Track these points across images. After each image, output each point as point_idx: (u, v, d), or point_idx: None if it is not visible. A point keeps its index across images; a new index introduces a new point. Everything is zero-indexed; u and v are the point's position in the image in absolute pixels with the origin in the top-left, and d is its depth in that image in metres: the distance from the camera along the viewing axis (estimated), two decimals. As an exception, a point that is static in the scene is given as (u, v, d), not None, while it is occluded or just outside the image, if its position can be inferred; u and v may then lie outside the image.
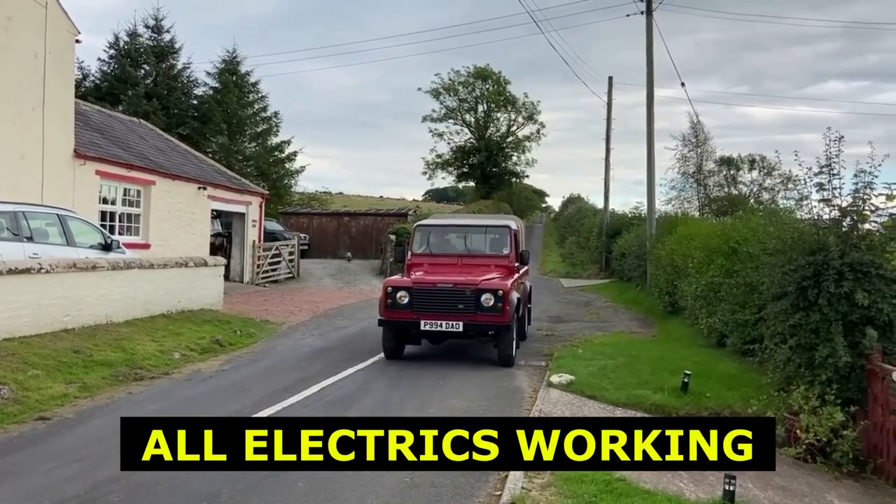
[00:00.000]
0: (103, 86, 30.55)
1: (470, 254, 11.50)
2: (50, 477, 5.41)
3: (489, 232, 11.83)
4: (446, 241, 11.99)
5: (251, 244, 22.50)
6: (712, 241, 12.23)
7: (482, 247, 11.65)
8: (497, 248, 11.50)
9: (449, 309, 9.91)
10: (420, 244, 11.78)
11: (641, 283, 20.97)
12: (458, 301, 9.92)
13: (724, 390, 8.83)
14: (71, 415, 7.29)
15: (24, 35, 13.28)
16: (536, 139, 61.45)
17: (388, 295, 10.16)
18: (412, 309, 10.03)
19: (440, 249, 11.66)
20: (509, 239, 11.48)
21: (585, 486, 5.12)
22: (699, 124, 35.53)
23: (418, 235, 11.94)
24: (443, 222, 13.05)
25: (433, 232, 12.10)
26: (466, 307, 9.88)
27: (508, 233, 11.55)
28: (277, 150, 35.49)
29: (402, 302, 10.06)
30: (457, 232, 12.41)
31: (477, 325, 9.90)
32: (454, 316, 9.87)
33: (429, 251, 11.61)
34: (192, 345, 11.05)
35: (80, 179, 14.74)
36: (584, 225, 37.73)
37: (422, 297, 10.03)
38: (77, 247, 11.40)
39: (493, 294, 9.87)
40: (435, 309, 9.96)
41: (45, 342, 9.17)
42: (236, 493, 5.11)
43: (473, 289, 9.93)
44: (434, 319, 9.91)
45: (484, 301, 9.85)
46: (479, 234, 11.97)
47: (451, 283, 10.08)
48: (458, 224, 13.20)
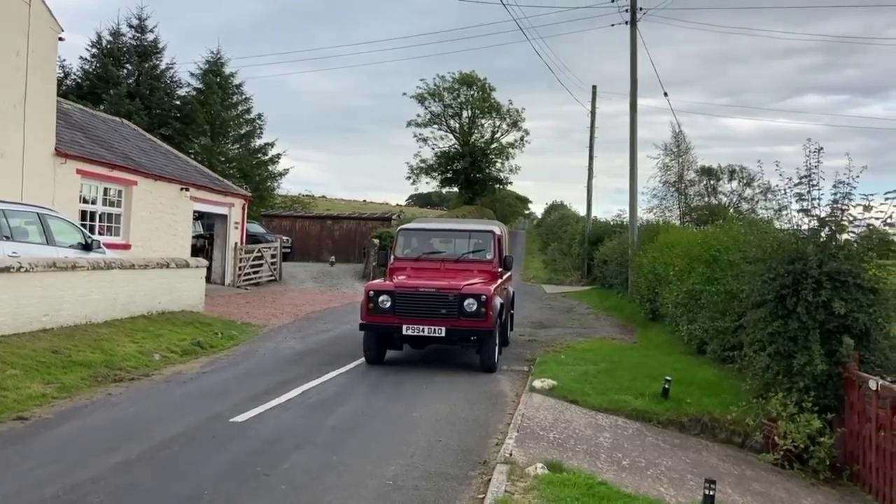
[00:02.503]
0: (85, 84, 30.25)
1: (453, 258, 11.37)
2: (28, 477, 5.34)
3: (473, 237, 11.76)
4: (430, 246, 11.88)
5: (233, 246, 22.36)
6: (693, 249, 12.37)
7: (466, 252, 11.53)
8: (480, 253, 11.40)
9: (431, 314, 9.82)
10: (403, 248, 11.68)
11: (623, 291, 21.12)
12: (440, 306, 9.82)
13: (703, 397, 8.93)
14: (49, 415, 7.19)
15: (7, 32, 13.13)
16: (520, 146, 61.72)
17: (370, 299, 10.05)
18: (394, 313, 9.92)
19: (423, 254, 11.55)
20: (493, 244, 11.40)
21: (568, 490, 5.14)
22: (681, 134, 35.91)
23: (401, 239, 11.84)
24: (427, 226, 12.98)
25: (416, 236, 12.06)
26: (449, 312, 9.78)
27: (492, 238, 11.48)
28: (261, 153, 35.29)
29: (384, 306, 9.96)
30: (440, 236, 12.35)
31: (460, 330, 9.80)
32: (437, 321, 9.78)
33: (412, 255, 11.51)
34: (173, 346, 10.96)
35: (61, 178, 14.58)
36: (566, 232, 37.96)
37: (404, 302, 9.93)
38: (57, 246, 11.27)
39: (475, 299, 9.76)
40: (417, 314, 9.85)
41: (23, 342, 9.05)
42: (217, 495, 5.07)
43: (456, 294, 9.83)
44: (416, 324, 9.81)
45: (467, 306, 9.75)
46: (462, 239, 11.88)
47: (434, 288, 9.97)
48: (441, 228, 13.10)
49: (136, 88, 30.61)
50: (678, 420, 8.44)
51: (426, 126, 60.88)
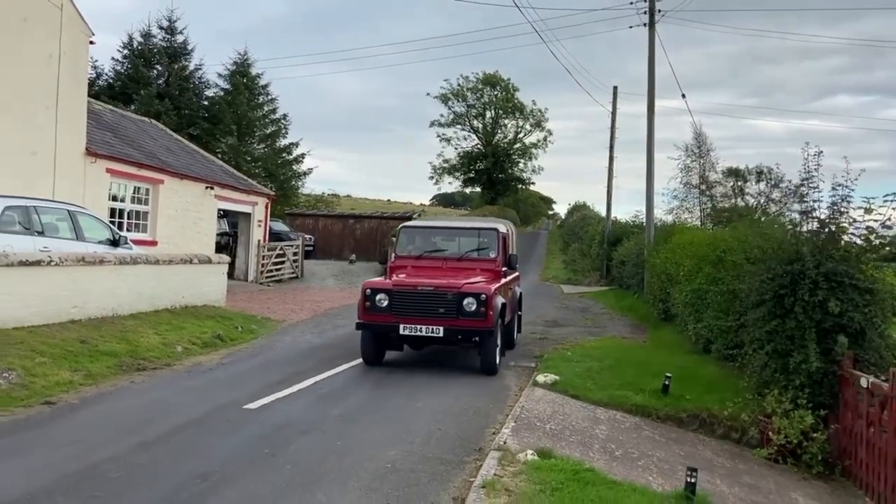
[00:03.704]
0: (116, 85, 31.14)
1: (455, 257, 11.10)
2: (54, 456, 5.76)
3: (476, 235, 11.50)
4: (432, 244, 11.64)
5: (256, 244, 22.91)
6: (701, 249, 12.53)
7: (468, 250, 11.27)
8: (484, 251, 11.14)
9: (429, 313, 9.57)
10: (404, 246, 11.45)
11: (639, 291, 21.24)
12: (439, 305, 9.58)
13: (703, 393, 9.14)
14: (76, 400, 7.66)
15: (39, 36, 13.72)
16: (543, 146, 62.06)
17: (367, 297, 9.83)
18: (391, 312, 9.67)
19: (425, 252, 11.30)
20: (497, 242, 11.15)
21: (554, 475, 5.44)
22: (702, 135, 35.81)
23: (403, 237, 11.61)
24: (428, 224, 12.80)
25: (418, 234, 11.88)
26: (448, 311, 9.52)
27: (496, 236, 11.23)
28: (286, 152, 35.98)
29: (382, 305, 9.73)
30: (443, 234, 12.10)
31: (458, 330, 9.54)
32: (435, 320, 9.53)
33: (413, 254, 11.28)
34: (194, 339, 11.41)
35: (91, 177, 15.18)
36: (587, 232, 38.02)
37: (401, 300, 9.68)
38: (86, 242, 11.79)
39: (475, 298, 9.49)
40: (415, 313, 9.60)
41: (52, 332, 9.55)
42: (227, 473, 5.45)
43: (455, 292, 9.57)
44: (414, 323, 9.56)
45: (466, 305, 9.49)
46: (465, 237, 11.66)
47: (433, 286, 9.72)
48: (444, 226, 12.87)
49: (165, 89, 31.42)
50: (676, 415, 8.66)
51: (449, 126, 61.49)
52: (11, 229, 10.43)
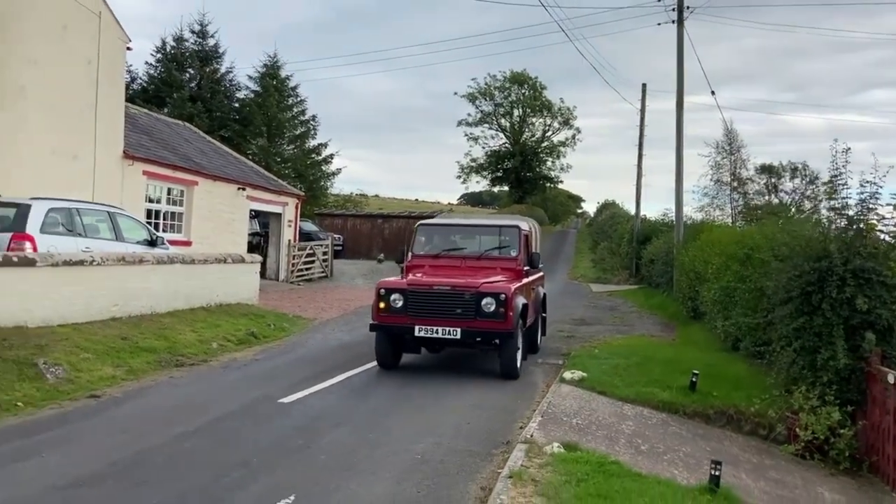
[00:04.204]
0: (150, 89, 31.80)
1: (475, 256, 10.61)
2: (100, 445, 6.06)
3: (495, 233, 11.01)
4: (450, 242, 11.14)
5: (287, 244, 23.30)
6: (730, 247, 12.54)
7: (488, 248, 10.78)
8: (504, 249, 10.64)
9: (446, 314, 9.16)
10: (421, 245, 10.96)
11: (668, 289, 21.18)
12: (456, 305, 9.16)
13: (731, 390, 9.18)
14: (119, 394, 7.98)
15: (79, 42, 14.17)
16: (572, 144, 61.78)
17: (381, 297, 9.46)
18: (406, 313, 9.28)
19: (443, 251, 10.81)
20: (518, 240, 10.64)
21: (580, 466, 5.58)
22: (733, 132, 35.47)
23: (420, 235, 11.07)
24: (446, 222, 12.33)
25: (436, 232, 11.32)
26: (465, 312, 9.11)
27: (517, 233, 10.71)
28: (315, 153, 36.42)
29: (396, 305, 9.36)
30: (461, 232, 11.60)
31: (476, 331, 9.10)
32: (451, 321, 9.09)
33: (431, 252, 10.79)
34: (229, 336, 11.73)
35: (129, 179, 15.63)
36: (616, 231, 37.90)
37: (417, 301, 9.29)
38: (125, 242, 12.18)
39: (494, 298, 9.06)
40: (431, 313, 9.20)
41: (95, 329, 9.92)
42: (264, 462, 5.70)
43: (473, 292, 9.14)
44: (429, 325, 9.15)
45: (484, 306, 9.06)
46: (484, 235, 11.21)
47: (449, 286, 9.31)
48: (462, 224, 12.36)
49: (197, 92, 32.02)
50: (704, 412, 8.73)
51: (477, 125, 61.48)
52: (55, 231, 10.82)
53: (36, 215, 10.49)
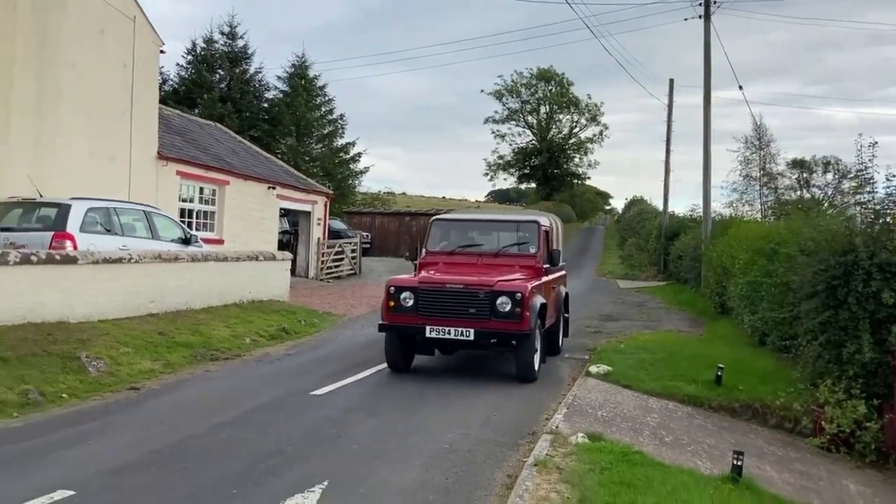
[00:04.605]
0: (181, 90, 32.40)
1: (491, 252, 10.15)
2: (143, 434, 6.34)
3: (513, 228, 10.66)
4: (466, 238, 10.70)
5: (316, 241, 23.65)
6: (756, 242, 12.52)
7: (505, 245, 10.35)
8: (523, 246, 10.19)
9: (459, 313, 8.73)
10: (436, 241, 10.54)
11: (696, 285, 21.12)
12: (469, 304, 8.73)
13: (757, 384, 9.23)
14: (157, 387, 8.29)
15: (114, 47, 14.59)
16: (599, 141, 61.54)
17: (391, 296, 9.05)
18: (417, 312, 8.87)
19: (458, 247, 10.41)
20: (537, 236, 10.15)
21: (603, 456, 5.72)
22: (762, 126, 35.08)
23: (434, 231, 10.62)
24: (463, 217, 11.85)
25: (451, 227, 10.90)
26: (479, 312, 8.67)
27: (536, 229, 10.23)
28: (343, 152, 36.80)
29: (407, 304, 8.94)
30: (478, 228, 11.13)
31: (490, 332, 8.66)
32: (465, 322, 8.66)
33: (445, 249, 10.38)
34: (261, 331, 12.04)
35: (163, 179, 16.05)
36: (644, 227, 37.72)
37: (428, 300, 8.87)
38: (161, 240, 12.54)
39: (510, 297, 8.60)
40: (443, 313, 8.78)
41: (133, 324, 10.27)
42: (297, 450, 5.93)
43: (487, 291, 8.68)
44: (441, 325, 8.72)
45: (499, 305, 8.61)
46: (501, 231, 10.79)
47: (462, 284, 8.88)
48: (478, 219, 11.82)
49: (227, 93, 32.56)
50: (730, 405, 8.79)
51: (504, 122, 61.57)
52: (94, 229, 11.20)
53: (76, 215, 10.87)
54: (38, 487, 4.83)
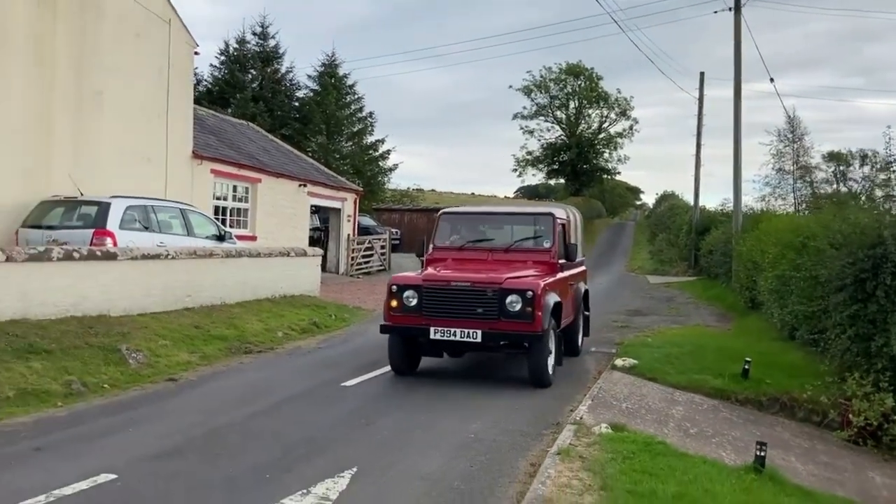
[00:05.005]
0: (215, 90, 33.01)
1: (503, 247, 9.52)
2: (179, 423, 6.60)
3: (526, 222, 10.04)
4: (476, 233, 10.05)
5: (346, 238, 23.96)
6: (786, 236, 12.45)
7: (518, 239, 9.74)
8: (537, 240, 9.55)
9: (465, 313, 8.16)
10: (444, 236, 9.97)
11: (727, 280, 20.96)
12: (476, 303, 8.14)
13: (785, 378, 9.23)
14: (194, 378, 8.59)
15: (151, 49, 14.98)
16: (629, 135, 60.98)
17: (393, 295, 8.53)
18: (421, 312, 8.33)
19: (468, 242, 9.78)
20: (552, 229, 9.48)
21: (626, 445, 5.83)
22: (795, 119, 34.53)
23: (442, 225, 10.07)
24: (472, 210, 11.20)
25: (459, 221, 10.32)
26: (487, 311, 8.08)
27: (551, 222, 9.53)
28: (372, 149, 37.14)
29: (410, 304, 8.40)
30: (488, 222, 10.54)
31: (500, 334, 8.09)
32: (471, 322, 8.09)
33: (455, 244, 9.80)
34: (293, 325, 12.31)
35: (198, 177, 16.44)
36: (674, 222, 37.43)
37: (432, 299, 8.32)
38: (196, 237, 12.88)
39: (520, 296, 7.98)
40: (448, 313, 8.22)
41: (170, 318, 10.60)
42: (328, 438, 6.14)
43: (496, 289, 8.08)
44: (446, 326, 8.14)
45: (509, 304, 8.00)
46: (513, 225, 10.26)
47: (469, 282, 8.30)
48: (489, 212, 11.19)
49: (259, 92, 33.08)
50: (756, 399, 8.81)
51: (532, 118, 61.29)
52: (133, 227, 11.57)
53: (115, 212, 11.24)
54: (82, 471, 5.09)
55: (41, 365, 7.64)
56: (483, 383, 8.67)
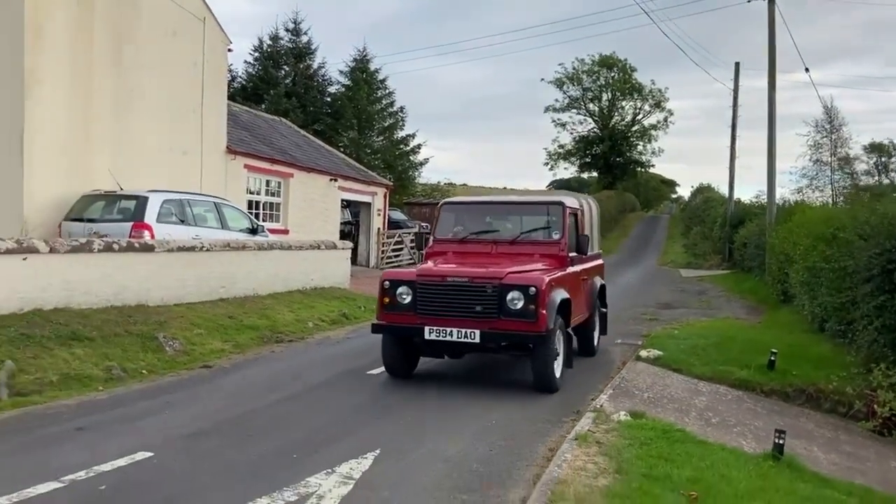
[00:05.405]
0: (249, 86, 33.55)
1: (508, 240, 8.75)
2: (213, 406, 6.88)
3: (533, 211, 9.28)
4: (480, 224, 9.30)
5: (376, 231, 24.26)
6: (817, 227, 12.33)
7: (524, 230, 8.95)
8: (545, 231, 8.76)
9: (462, 311, 7.47)
10: (445, 228, 9.30)
11: (760, 274, 20.75)
12: (475, 301, 7.43)
13: (812, 369, 9.19)
14: (227, 365, 8.88)
15: (186, 47, 15.38)
16: (664, 127, 60.43)
17: (385, 291, 7.90)
18: (415, 311, 7.69)
19: (471, 234, 9.03)
20: (561, 220, 8.66)
21: (644, 432, 5.92)
22: (833, 109, 33.86)
23: (444, 216, 9.39)
24: (475, 199, 10.42)
25: (461, 212, 9.60)
26: (486, 309, 7.37)
27: (561, 211, 8.70)
28: (403, 144, 37.37)
29: (404, 301, 7.75)
30: (492, 212, 9.67)
31: (500, 334, 7.39)
32: (469, 321, 7.41)
33: (458, 236, 9.12)
34: (323, 316, 12.59)
35: (231, 172, 16.84)
36: (709, 215, 37.03)
37: (427, 295, 7.65)
38: (230, 230, 13.23)
39: (522, 292, 7.25)
40: (444, 311, 7.54)
41: (205, 308, 10.94)
42: (353, 422, 6.36)
43: (496, 284, 7.36)
44: (442, 326, 7.47)
45: (510, 302, 7.30)
46: (519, 215, 9.48)
47: (467, 277, 7.59)
48: (493, 202, 10.19)
49: (292, 88, 33.52)
50: (782, 390, 8.80)
51: (564, 111, 61.06)
52: (169, 220, 11.94)
53: (153, 206, 11.62)
54: (121, 450, 5.37)
55: (83, 351, 8.00)
56: (506, 374, 8.80)
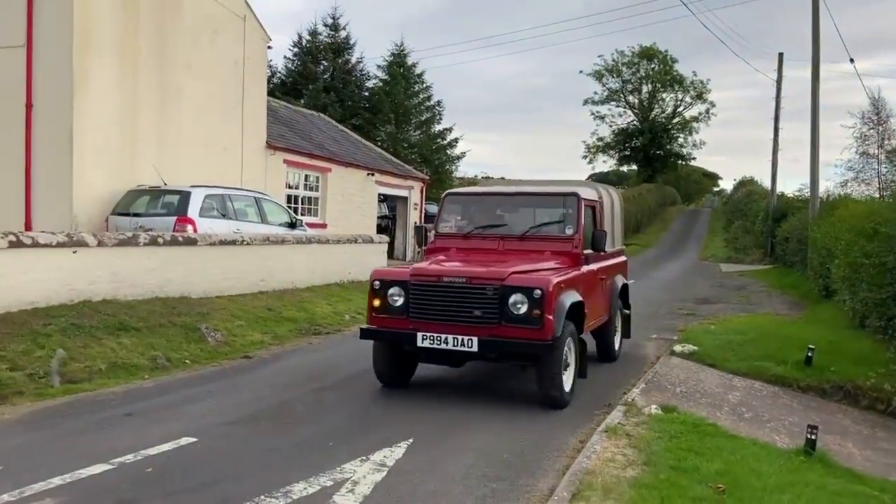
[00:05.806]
0: (288, 81, 34.06)
1: (516, 235, 7.81)
2: (254, 393, 7.12)
3: (545, 203, 8.25)
4: (488, 217, 8.29)
5: (413, 225, 24.45)
6: (859, 222, 12.09)
7: (535, 224, 7.97)
8: (558, 226, 7.83)
9: (459, 316, 6.67)
10: (448, 221, 8.44)
11: (802, 269, 20.39)
12: (473, 304, 6.63)
13: (850, 366, 9.07)
14: (267, 356, 9.14)
15: (227, 45, 15.73)
16: (705, 119, 59.36)
17: (376, 292, 7.11)
18: (408, 315, 6.91)
19: (476, 229, 8.11)
20: (575, 213, 7.70)
21: (674, 426, 5.96)
22: (880, 100, 32.86)
23: (447, 209, 8.48)
24: (481, 190, 9.34)
25: (466, 203, 8.64)
26: (486, 314, 6.58)
27: (576, 204, 7.73)
28: (440, 138, 37.51)
29: (395, 304, 7.00)
30: (500, 204, 8.56)
31: (501, 342, 6.57)
32: (466, 328, 6.62)
33: (462, 231, 8.23)
34: (360, 309, 12.72)
35: (271, 167, 17.19)
36: (751, 209, 36.41)
37: (421, 297, 6.86)
38: (269, 224, 13.53)
39: (525, 295, 6.44)
40: (439, 316, 6.77)
41: (245, 300, 11.23)
42: (384, 410, 6.53)
43: (497, 286, 6.55)
44: (437, 332, 6.69)
45: (512, 305, 6.47)
46: (530, 207, 8.46)
47: (465, 277, 6.75)
48: (500, 192, 8.88)
49: (330, 83, 33.91)
50: (819, 386, 8.72)
51: (603, 103, 60.40)
52: (211, 214, 12.28)
53: (195, 201, 11.97)
54: (166, 435, 5.62)
55: (130, 341, 8.32)
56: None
